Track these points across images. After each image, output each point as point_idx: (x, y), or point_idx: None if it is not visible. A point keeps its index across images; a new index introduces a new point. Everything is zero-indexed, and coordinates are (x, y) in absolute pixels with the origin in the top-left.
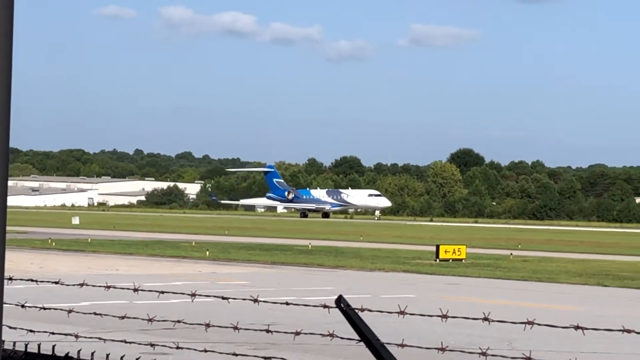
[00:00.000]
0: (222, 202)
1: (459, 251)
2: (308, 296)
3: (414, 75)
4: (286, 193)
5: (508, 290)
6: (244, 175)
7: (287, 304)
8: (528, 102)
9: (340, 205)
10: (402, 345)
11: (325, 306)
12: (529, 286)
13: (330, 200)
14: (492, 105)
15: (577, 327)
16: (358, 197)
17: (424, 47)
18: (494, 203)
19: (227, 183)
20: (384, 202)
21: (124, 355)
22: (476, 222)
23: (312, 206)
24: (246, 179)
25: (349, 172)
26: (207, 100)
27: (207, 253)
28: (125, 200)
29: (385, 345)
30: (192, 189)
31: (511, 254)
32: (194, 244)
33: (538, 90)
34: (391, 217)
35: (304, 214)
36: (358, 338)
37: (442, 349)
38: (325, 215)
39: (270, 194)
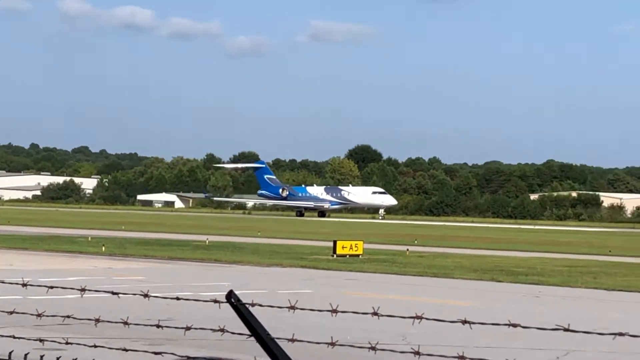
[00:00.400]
0: (216, 199)
1: (355, 247)
2: (204, 291)
3: (313, 71)
4: (280, 190)
5: (404, 285)
6: (141, 170)
7: (177, 299)
8: (425, 99)
9: (341, 204)
10: (292, 340)
11: (216, 301)
12: (424, 281)
13: (329, 198)
14: (390, 102)
15: (464, 322)
16: (360, 194)
17: (323, 43)
18: None
19: (124, 178)
20: (389, 200)
21: (12, 351)
22: (374, 217)
23: (310, 204)
24: (143, 174)
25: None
26: (104, 95)
27: (103, 248)
28: (20, 195)
29: (276, 339)
30: (88, 184)
31: (407, 249)
32: (90, 239)
33: (435, 87)
34: (289, 212)
35: (300, 212)
36: (249, 333)
37: (332, 344)
38: (322, 214)
39: (263, 192)
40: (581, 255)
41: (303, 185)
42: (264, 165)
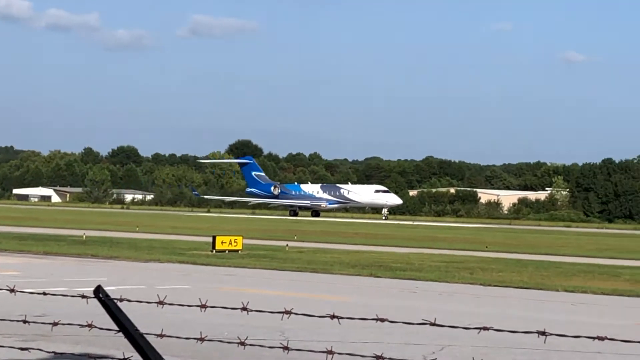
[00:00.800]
0: (207, 197)
1: (235, 242)
2: (80, 287)
3: (193, 66)
4: (272, 188)
5: (283, 281)
6: (17, 163)
7: (44, 294)
8: (306, 95)
9: (339, 203)
10: (161, 336)
11: (83, 296)
12: (303, 277)
13: (326, 196)
14: (271, 97)
15: (332, 317)
16: (362, 193)
17: (203, 37)
18: None
19: None
20: (394, 200)
21: None
22: (254, 213)
23: (307, 203)
24: (19, 168)
25: (126, 162)
26: None
27: None
28: None
29: (145, 335)
30: None
31: (287, 245)
32: None
33: (316, 83)
34: (168, 207)
35: (294, 212)
36: (117, 328)
37: (201, 339)
38: (316, 213)
39: (252, 189)
40: (458, 251)
41: (296, 183)
42: (251, 161)
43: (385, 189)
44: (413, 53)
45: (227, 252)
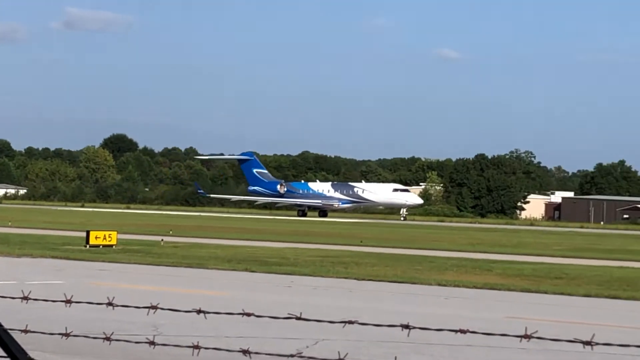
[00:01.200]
0: (212, 195)
1: (109, 237)
2: None
3: (68, 59)
4: (278, 186)
5: (158, 276)
6: None
7: None
8: (182, 90)
9: (353, 202)
10: (26, 331)
11: None
12: (178, 272)
13: (338, 195)
14: (146, 92)
15: (199, 311)
16: (378, 192)
17: (78, 31)
18: (147, 189)
19: None
20: (413, 199)
21: None
22: (128, 207)
23: (318, 202)
24: None
25: None
26: None
27: None
28: None
29: (9, 330)
30: None
31: (162, 240)
32: None
33: (191, 78)
34: (41, 202)
35: (302, 212)
36: None
37: (67, 335)
38: (323, 213)
39: (255, 188)
40: (333, 246)
41: (303, 181)
42: (252, 158)
43: (404, 187)
44: (289, 48)
45: (101, 247)
